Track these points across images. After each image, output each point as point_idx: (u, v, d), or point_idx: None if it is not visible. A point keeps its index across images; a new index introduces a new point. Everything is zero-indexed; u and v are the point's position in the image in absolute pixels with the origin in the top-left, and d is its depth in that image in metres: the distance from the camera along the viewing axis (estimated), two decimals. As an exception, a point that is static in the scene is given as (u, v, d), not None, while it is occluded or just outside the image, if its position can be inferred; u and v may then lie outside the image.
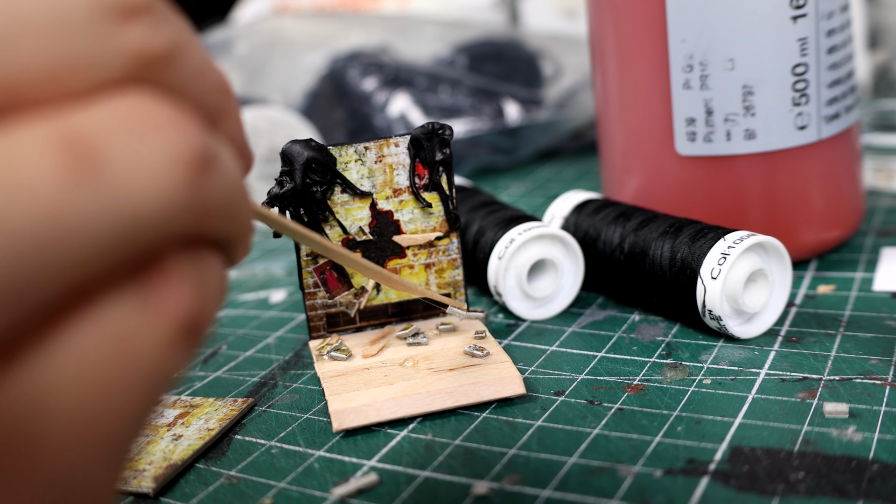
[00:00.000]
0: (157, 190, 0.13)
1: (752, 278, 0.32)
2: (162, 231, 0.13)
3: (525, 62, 0.63)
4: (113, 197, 0.12)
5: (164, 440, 0.29)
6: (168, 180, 0.13)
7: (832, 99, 0.36)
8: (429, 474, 0.26)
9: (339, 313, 0.34)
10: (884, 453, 0.24)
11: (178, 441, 0.29)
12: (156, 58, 0.14)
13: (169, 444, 0.29)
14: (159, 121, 0.14)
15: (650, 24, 0.36)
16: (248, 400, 0.32)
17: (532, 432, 0.27)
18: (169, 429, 0.30)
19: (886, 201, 0.45)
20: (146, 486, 0.26)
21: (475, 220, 0.38)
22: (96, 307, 0.13)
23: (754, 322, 0.32)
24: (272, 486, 0.26)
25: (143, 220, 0.13)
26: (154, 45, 0.14)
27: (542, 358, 0.32)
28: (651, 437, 0.26)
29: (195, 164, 0.14)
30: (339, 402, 0.29)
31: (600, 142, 0.42)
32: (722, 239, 0.32)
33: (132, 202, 0.13)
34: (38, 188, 0.12)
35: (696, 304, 0.32)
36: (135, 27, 0.14)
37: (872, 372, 0.28)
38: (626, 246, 0.34)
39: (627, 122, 0.39)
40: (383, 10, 0.81)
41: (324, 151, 0.32)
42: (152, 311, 0.14)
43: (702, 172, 0.37)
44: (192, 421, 0.30)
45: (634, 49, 0.37)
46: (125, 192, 0.13)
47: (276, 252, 0.50)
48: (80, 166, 0.12)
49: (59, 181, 0.12)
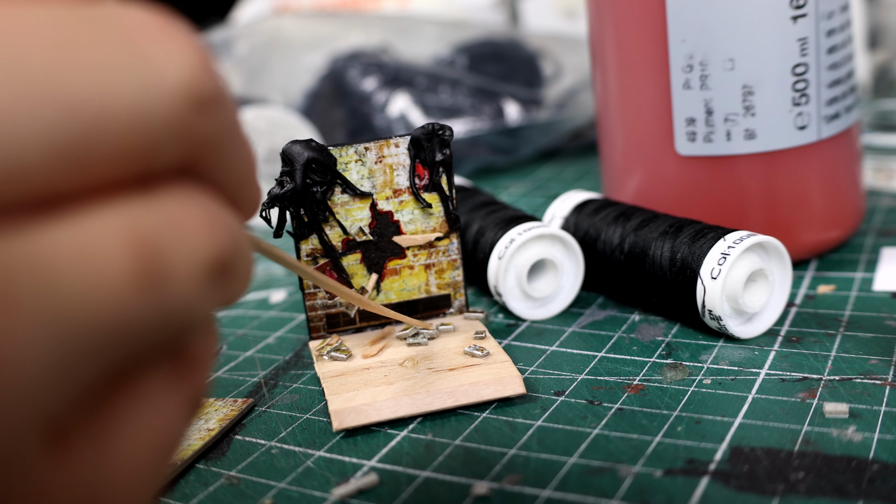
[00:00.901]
0: (194, 295, 0.13)
1: (752, 278, 0.32)
2: (189, 328, 0.14)
3: (525, 62, 0.63)
4: (169, 306, 0.13)
5: None
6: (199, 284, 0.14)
7: (832, 99, 0.36)
8: (429, 474, 0.26)
9: (339, 313, 0.34)
10: (884, 453, 0.24)
11: None
12: (208, 143, 0.14)
13: None
14: (207, 221, 0.14)
15: (650, 24, 0.36)
16: (248, 400, 0.32)
17: (532, 432, 0.27)
18: None
19: (886, 201, 0.45)
20: None
21: (475, 220, 0.38)
22: (138, 394, 0.14)
23: (754, 322, 0.32)
24: (272, 487, 0.26)
25: (184, 321, 0.14)
26: (210, 132, 0.14)
27: (542, 358, 0.32)
28: (651, 437, 0.26)
29: (218, 268, 0.14)
30: (339, 401, 0.29)
31: (600, 142, 0.42)
32: (722, 239, 0.32)
33: (177, 308, 0.13)
34: (111, 290, 0.12)
35: (696, 304, 0.32)
36: (205, 117, 0.14)
37: (872, 372, 0.28)
38: (626, 246, 0.34)
39: (627, 122, 0.39)
40: (383, 10, 0.81)
41: (324, 152, 0.32)
42: (179, 389, 0.14)
43: (702, 172, 0.37)
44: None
45: (634, 49, 0.37)
46: (177, 298, 0.13)
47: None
48: (149, 274, 0.13)
49: (131, 287, 0.12)
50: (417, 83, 0.60)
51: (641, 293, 0.34)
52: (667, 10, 0.35)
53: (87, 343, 0.12)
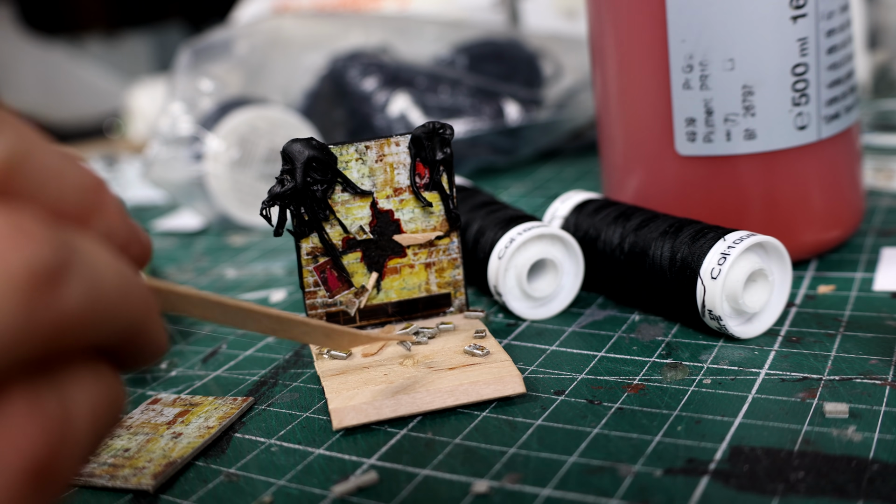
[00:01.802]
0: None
1: (752, 278, 0.32)
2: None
3: (525, 62, 0.63)
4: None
5: (164, 438, 0.29)
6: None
7: (832, 99, 0.36)
8: (428, 473, 0.26)
9: (339, 312, 0.34)
10: (884, 453, 0.24)
11: (178, 439, 0.29)
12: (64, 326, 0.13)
13: (168, 442, 0.29)
14: (29, 429, 0.13)
15: (650, 24, 0.36)
16: (247, 398, 0.32)
17: (532, 431, 0.27)
18: (168, 427, 0.30)
19: (886, 201, 0.45)
20: (146, 483, 0.26)
21: (475, 220, 0.38)
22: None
23: (754, 322, 0.32)
24: (272, 484, 0.26)
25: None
26: (64, 311, 0.13)
27: (542, 357, 0.32)
28: (651, 437, 0.26)
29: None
30: (339, 400, 0.29)
31: (600, 142, 0.42)
32: (722, 239, 0.32)
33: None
34: None
35: (695, 304, 0.32)
36: (52, 298, 0.13)
37: (872, 372, 0.28)
38: (626, 246, 0.34)
39: (627, 122, 0.39)
40: (383, 10, 0.81)
41: (325, 150, 0.32)
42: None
43: (702, 172, 0.37)
44: (191, 419, 0.30)
45: (634, 49, 0.37)
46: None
47: (275, 252, 0.50)
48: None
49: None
50: (417, 83, 0.60)
51: (641, 293, 0.34)
52: (667, 11, 0.35)
53: None
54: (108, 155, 0.91)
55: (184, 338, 0.39)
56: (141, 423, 0.31)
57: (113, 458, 0.28)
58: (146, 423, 0.30)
